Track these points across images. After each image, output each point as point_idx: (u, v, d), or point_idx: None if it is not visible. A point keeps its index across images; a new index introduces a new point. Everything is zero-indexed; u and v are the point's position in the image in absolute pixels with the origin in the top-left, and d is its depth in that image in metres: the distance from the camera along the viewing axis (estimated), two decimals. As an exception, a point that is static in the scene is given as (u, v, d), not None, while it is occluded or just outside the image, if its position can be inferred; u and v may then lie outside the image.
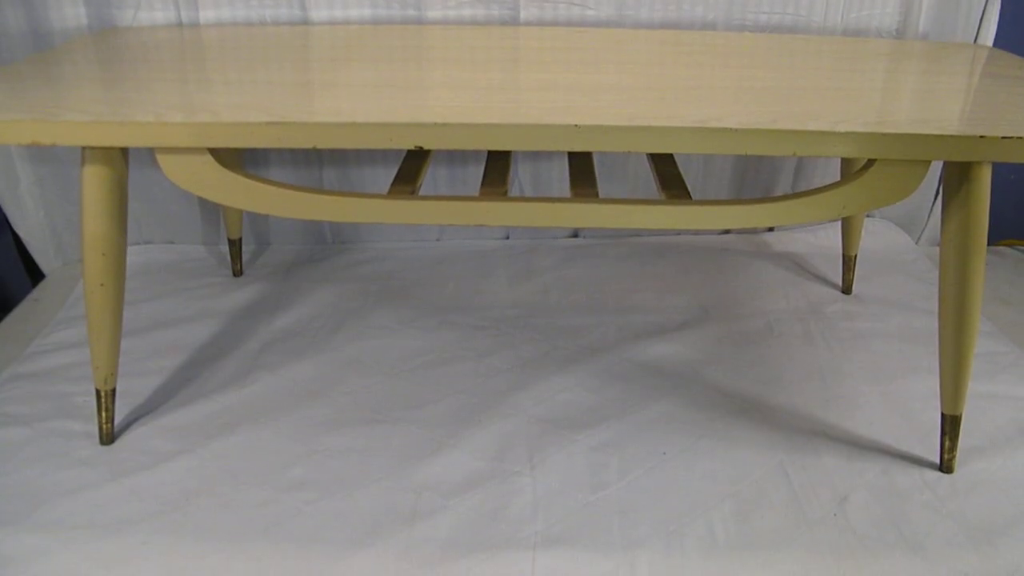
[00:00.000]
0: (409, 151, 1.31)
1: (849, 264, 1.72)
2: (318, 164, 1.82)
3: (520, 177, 1.88)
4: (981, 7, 1.73)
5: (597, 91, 1.18)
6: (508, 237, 1.96)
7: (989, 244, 1.14)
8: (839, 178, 1.65)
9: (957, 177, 1.09)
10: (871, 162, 1.06)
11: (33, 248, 1.80)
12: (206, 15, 1.62)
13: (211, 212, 1.86)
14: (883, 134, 1.01)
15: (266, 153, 1.80)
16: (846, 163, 1.58)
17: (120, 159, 1.13)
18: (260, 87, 1.19)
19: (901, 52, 1.52)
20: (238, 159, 1.65)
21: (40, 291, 1.75)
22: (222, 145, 1.06)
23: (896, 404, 1.38)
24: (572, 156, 1.33)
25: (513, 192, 1.86)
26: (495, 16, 1.68)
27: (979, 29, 1.75)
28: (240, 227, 1.75)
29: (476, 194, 1.18)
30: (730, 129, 1.01)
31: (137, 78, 1.23)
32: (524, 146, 1.05)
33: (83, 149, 1.09)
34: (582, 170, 1.28)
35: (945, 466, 1.23)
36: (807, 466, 1.24)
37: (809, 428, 1.32)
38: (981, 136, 0.99)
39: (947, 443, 1.22)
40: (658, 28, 1.69)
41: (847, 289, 1.74)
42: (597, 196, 1.19)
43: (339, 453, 1.26)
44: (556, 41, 1.51)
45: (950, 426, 1.21)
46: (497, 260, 1.86)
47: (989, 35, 1.74)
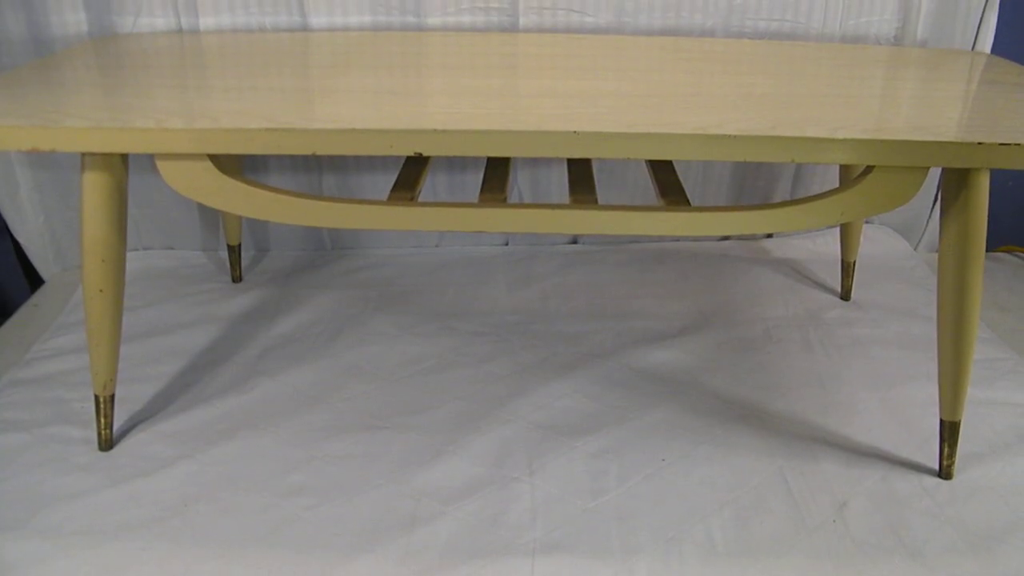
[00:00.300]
0: (408, 157, 1.31)
1: (848, 270, 1.72)
2: (317, 170, 1.82)
3: (519, 184, 1.88)
4: (979, 14, 1.73)
5: (596, 98, 1.18)
6: (507, 243, 1.96)
7: (987, 250, 1.14)
8: (838, 184, 1.66)
9: (955, 184, 1.09)
10: (870, 169, 1.06)
11: (32, 254, 1.80)
12: (206, 22, 1.62)
13: (210, 218, 1.86)
14: (882, 141, 1.01)
15: (265, 159, 1.80)
16: (845, 169, 1.58)
17: (120, 165, 1.13)
18: (260, 93, 1.20)
19: (899, 59, 1.53)
20: (238, 165, 1.65)
21: (39, 297, 1.75)
22: (222, 151, 1.06)
23: (895, 410, 1.38)
24: (571, 163, 1.34)
25: (512, 199, 1.87)
26: (494, 23, 1.68)
27: (977, 36, 1.75)
28: (239, 233, 1.75)
29: (475, 200, 1.18)
30: (729, 136, 1.01)
31: (137, 84, 1.23)
32: (523, 153, 1.05)
33: (83, 155, 1.10)
34: (581, 177, 1.28)
35: (944, 472, 1.23)
36: (806, 472, 1.24)
37: (808, 434, 1.32)
38: (979, 143, 1.00)
39: (946, 449, 1.22)
40: (657, 35, 1.69)
41: (846, 295, 1.74)
42: (596, 203, 1.19)
43: (338, 459, 1.26)
44: (555, 48, 1.51)
45: (949, 432, 1.21)
46: (496, 266, 1.86)
47: (987, 42, 1.75)
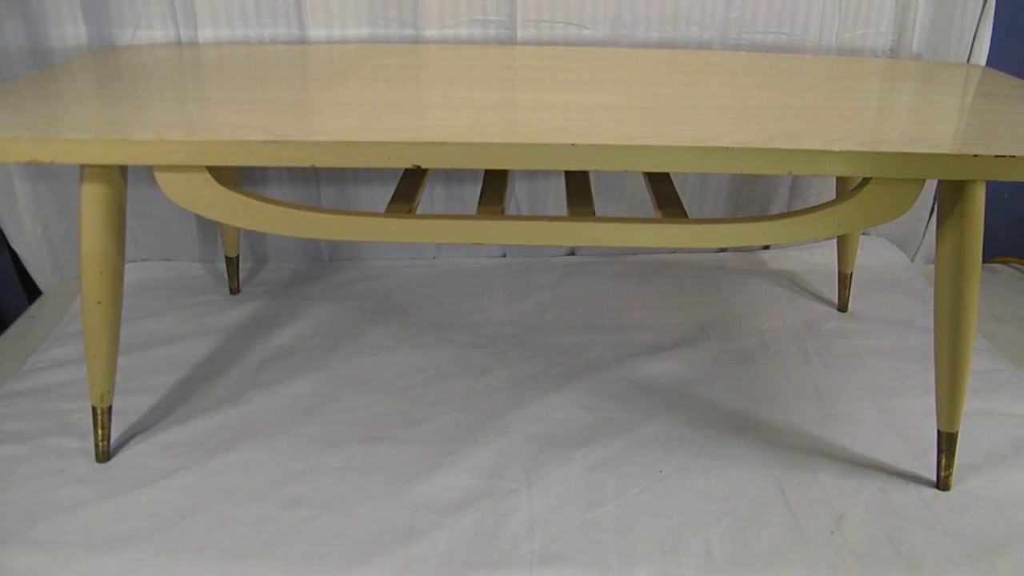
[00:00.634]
0: (406, 170, 1.31)
1: (845, 282, 1.73)
2: (316, 182, 1.82)
3: (517, 195, 1.89)
4: (974, 27, 1.74)
5: (594, 110, 1.19)
6: (505, 255, 1.96)
7: (984, 261, 1.15)
8: (834, 196, 1.66)
9: (951, 195, 1.09)
10: (866, 180, 1.07)
11: (30, 265, 1.80)
12: (205, 34, 1.63)
13: (208, 230, 1.86)
14: (878, 153, 1.02)
15: (264, 171, 1.81)
16: (841, 181, 1.58)
17: (119, 177, 1.13)
18: (258, 105, 1.20)
19: (895, 71, 1.54)
20: (236, 177, 1.65)
21: (37, 308, 1.75)
22: (221, 163, 1.06)
23: (892, 422, 1.38)
24: (569, 175, 1.34)
25: (510, 210, 1.87)
26: (492, 35, 1.69)
27: (972, 49, 1.76)
28: (237, 245, 1.76)
29: (473, 213, 1.18)
30: (726, 148, 1.02)
31: (136, 96, 1.24)
32: (521, 165, 1.05)
33: (82, 167, 1.10)
34: (579, 189, 1.28)
35: (942, 484, 1.23)
36: (803, 484, 1.24)
37: (805, 446, 1.32)
38: (975, 155, 1.00)
39: (943, 461, 1.22)
40: (654, 47, 1.70)
41: (843, 307, 1.74)
42: (594, 215, 1.19)
43: (336, 471, 1.25)
44: (553, 60, 1.52)
45: (946, 443, 1.21)
46: (494, 278, 1.86)
47: (982, 55, 1.76)
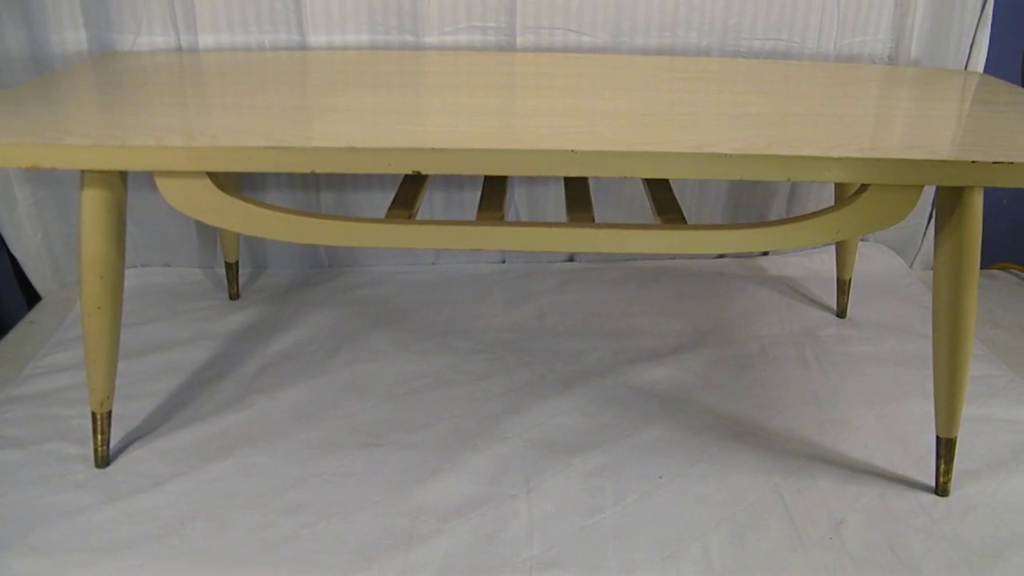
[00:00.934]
0: (406, 176, 1.31)
1: (843, 288, 1.73)
2: (315, 188, 1.83)
3: (516, 202, 1.89)
4: (971, 34, 1.75)
5: (593, 117, 1.19)
6: (504, 261, 1.96)
7: (982, 267, 1.15)
8: (833, 202, 1.67)
9: (950, 202, 1.10)
10: (865, 187, 1.07)
11: (30, 270, 1.80)
12: (205, 40, 1.63)
13: (208, 235, 1.86)
14: (876, 159, 1.02)
15: (263, 176, 1.81)
16: (840, 188, 1.59)
17: (119, 182, 1.13)
18: (259, 112, 1.20)
19: (893, 78, 1.54)
20: (236, 183, 1.65)
21: (36, 313, 1.75)
22: (221, 169, 1.06)
23: (891, 427, 1.38)
24: (568, 181, 1.34)
25: (509, 217, 1.87)
26: (492, 42, 1.69)
27: (970, 56, 1.77)
28: (237, 250, 1.76)
29: (473, 218, 1.18)
30: (725, 155, 1.02)
31: (137, 102, 1.24)
32: (521, 171, 1.05)
33: (82, 172, 1.10)
34: (578, 195, 1.29)
35: (940, 489, 1.23)
36: (802, 490, 1.24)
37: (804, 452, 1.32)
38: (973, 161, 1.00)
39: (942, 466, 1.22)
40: (653, 54, 1.70)
41: (842, 313, 1.75)
42: (593, 221, 1.19)
43: (335, 477, 1.25)
44: (552, 67, 1.52)
45: (945, 449, 1.22)
46: (493, 284, 1.86)
47: (979, 62, 1.76)
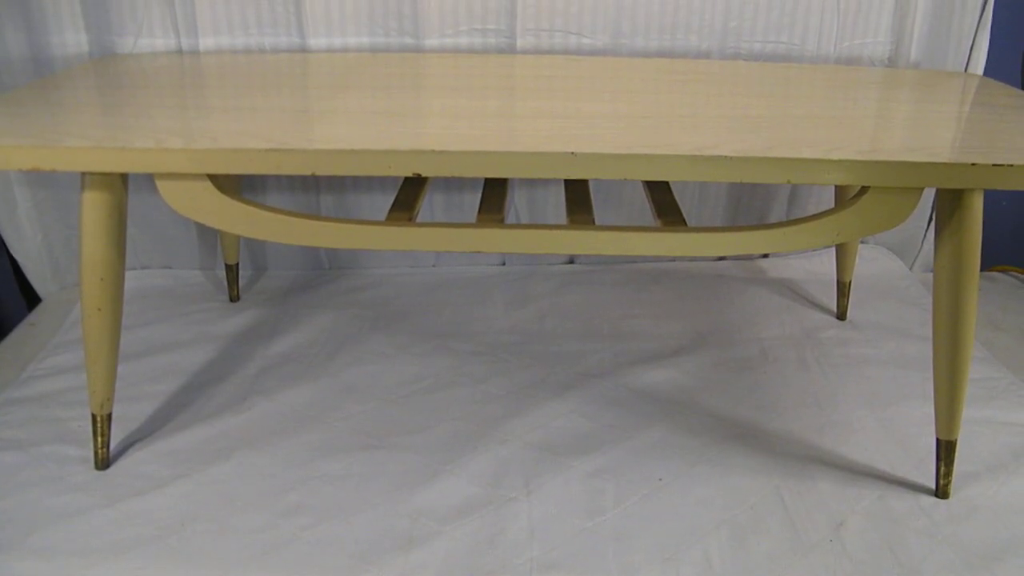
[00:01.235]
0: (406, 178, 1.31)
1: (843, 290, 1.73)
2: (315, 190, 1.83)
3: (516, 204, 1.89)
4: (971, 36, 1.75)
5: (593, 119, 1.19)
6: (504, 263, 1.96)
7: (982, 270, 1.15)
8: (833, 205, 1.67)
9: (950, 204, 1.10)
10: (865, 189, 1.07)
11: (30, 272, 1.80)
12: (206, 42, 1.63)
13: (208, 237, 1.86)
14: (876, 162, 1.02)
15: (264, 179, 1.81)
16: (840, 190, 1.59)
17: (120, 184, 1.13)
18: (259, 114, 1.20)
19: (893, 80, 1.54)
20: (236, 185, 1.66)
21: (36, 315, 1.75)
22: (221, 171, 1.07)
23: (891, 430, 1.38)
24: (568, 183, 1.34)
25: (509, 219, 1.87)
26: (492, 44, 1.69)
27: (969, 58, 1.77)
28: (237, 252, 1.76)
29: (473, 221, 1.18)
30: (725, 157, 1.02)
31: (137, 104, 1.24)
32: (521, 174, 1.06)
33: (83, 174, 1.10)
34: (578, 197, 1.29)
35: (941, 492, 1.23)
36: (803, 492, 1.24)
37: (804, 454, 1.32)
38: (973, 164, 1.00)
39: (942, 469, 1.22)
40: (653, 56, 1.71)
41: (842, 315, 1.75)
42: (593, 223, 1.19)
43: (335, 479, 1.25)
44: (552, 69, 1.53)
45: (945, 452, 1.22)
46: (493, 286, 1.86)
47: (979, 64, 1.76)
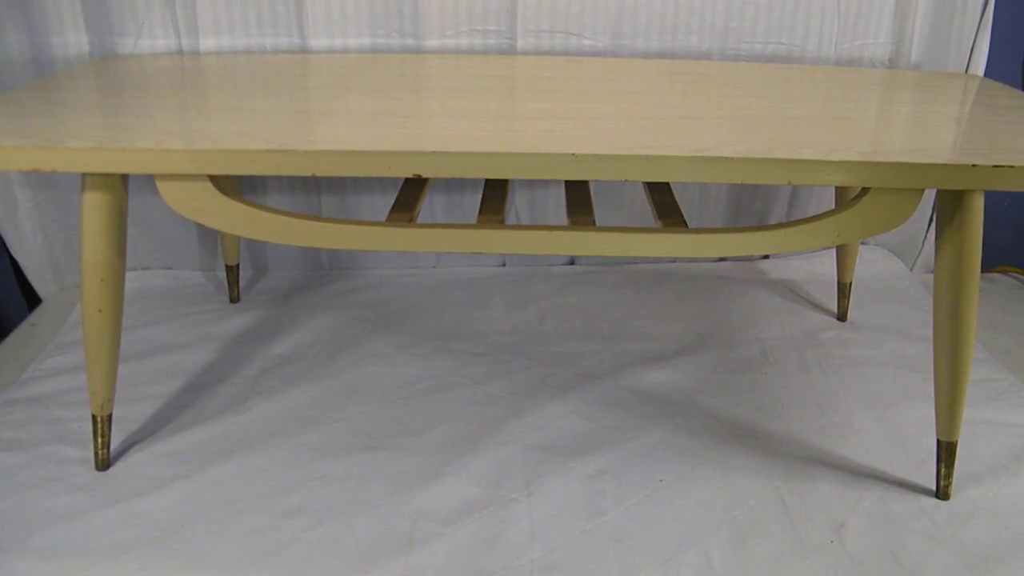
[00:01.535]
0: (407, 179, 1.31)
1: (844, 291, 1.73)
2: (316, 191, 1.83)
3: (517, 205, 1.89)
4: (972, 37, 1.75)
5: (594, 120, 1.19)
6: (505, 264, 1.96)
7: (983, 271, 1.15)
8: (834, 206, 1.67)
9: (950, 205, 1.10)
10: (865, 190, 1.07)
11: (30, 273, 1.80)
12: (206, 43, 1.63)
13: (209, 238, 1.86)
14: (877, 163, 1.02)
15: (264, 180, 1.81)
16: (841, 191, 1.59)
17: (120, 185, 1.13)
18: (260, 115, 1.20)
19: (894, 81, 1.54)
20: (237, 186, 1.66)
21: (37, 316, 1.75)
22: (222, 172, 1.07)
23: (892, 431, 1.38)
24: (569, 184, 1.34)
25: (510, 220, 1.87)
26: (492, 45, 1.69)
27: (970, 59, 1.77)
28: (237, 253, 1.76)
29: (473, 222, 1.18)
30: (726, 158, 1.02)
31: (138, 105, 1.24)
32: (521, 175, 1.06)
33: (83, 175, 1.10)
34: (579, 198, 1.29)
35: (941, 493, 1.23)
36: (803, 493, 1.24)
37: (805, 455, 1.32)
38: (973, 165, 1.00)
39: (943, 470, 1.22)
40: (654, 57, 1.71)
41: (842, 316, 1.75)
42: (594, 224, 1.19)
43: (336, 480, 1.25)
44: (553, 70, 1.53)
45: (946, 453, 1.22)
46: (494, 287, 1.86)
47: (980, 65, 1.76)
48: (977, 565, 1.11)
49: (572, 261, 1.98)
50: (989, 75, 1.74)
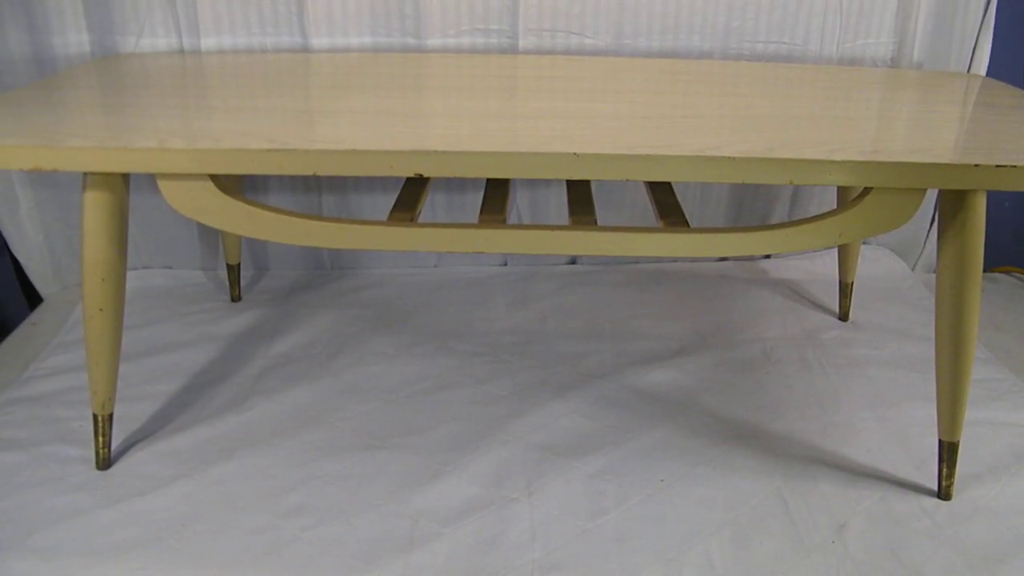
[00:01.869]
0: (408, 178, 1.31)
1: (846, 291, 1.73)
2: (317, 190, 1.83)
3: (518, 204, 1.89)
4: (974, 37, 1.75)
5: (595, 119, 1.19)
6: (506, 264, 1.96)
7: (984, 271, 1.15)
8: (835, 206, 1.67)
9: (952, 205, 1.10)
10: (867, 190, 1.07)
11: (32, 272, 1.80)
12: (207, 42, 1.63)
13: (210, 237, 1.86)
14: (879, 163, 1.02)
15: (265, 179, 1.81)
16: (842, 191, 1.59)
17: (121, 184, 1.13)
18: (261, 114, 1.20)
19: (896, 81, 1.54)
20: (238, 185, 1.66)
21: (38, 315, 1.75)
22: (223, 171, 1.06)
23: (894, 431, 1.38)
24: (570, 184, 1.34)
25: (511, 219, 1.87)
26: (494, 44, 1.69)
27: (972, 58, 1.77)
28: (239, 252, 1.76)
29: (475, 221, 1.18)
30: (727, 158, 1.02)
31: (139, 104, 1.24)
32: (523, 174, 1.05)
33: (85, 174, 1.10)
34: (580, 198, 1.28)
35: (943, 493, 1.23)
36: (805, 493, 1.24)
37: (806, 455, 1.32)
38: (976, 165, 1.00)
39: (945, 470, 1.22)
40: (656, 57, 1.70)
41: (844, 316, 1.74)
42: (595, 224, 1.19)
43: (337, 479, 1.25)
44: (555, 69, 1.52)
45: (947, 453, 1.21)
46: (495, 287, 1.86)
47: (982, 64, 1.76)
48: (978, 565, 1.11)
49: (573, 260, 1.98)
50: (991, 74, 1.74)
